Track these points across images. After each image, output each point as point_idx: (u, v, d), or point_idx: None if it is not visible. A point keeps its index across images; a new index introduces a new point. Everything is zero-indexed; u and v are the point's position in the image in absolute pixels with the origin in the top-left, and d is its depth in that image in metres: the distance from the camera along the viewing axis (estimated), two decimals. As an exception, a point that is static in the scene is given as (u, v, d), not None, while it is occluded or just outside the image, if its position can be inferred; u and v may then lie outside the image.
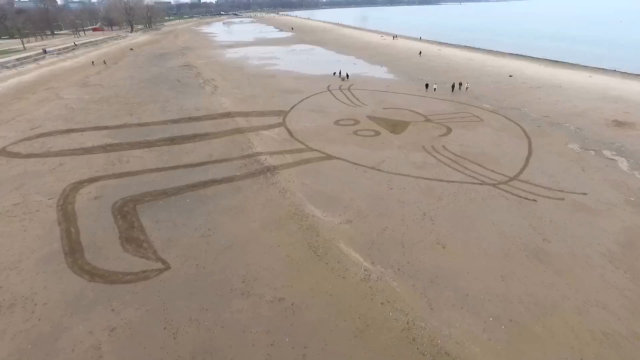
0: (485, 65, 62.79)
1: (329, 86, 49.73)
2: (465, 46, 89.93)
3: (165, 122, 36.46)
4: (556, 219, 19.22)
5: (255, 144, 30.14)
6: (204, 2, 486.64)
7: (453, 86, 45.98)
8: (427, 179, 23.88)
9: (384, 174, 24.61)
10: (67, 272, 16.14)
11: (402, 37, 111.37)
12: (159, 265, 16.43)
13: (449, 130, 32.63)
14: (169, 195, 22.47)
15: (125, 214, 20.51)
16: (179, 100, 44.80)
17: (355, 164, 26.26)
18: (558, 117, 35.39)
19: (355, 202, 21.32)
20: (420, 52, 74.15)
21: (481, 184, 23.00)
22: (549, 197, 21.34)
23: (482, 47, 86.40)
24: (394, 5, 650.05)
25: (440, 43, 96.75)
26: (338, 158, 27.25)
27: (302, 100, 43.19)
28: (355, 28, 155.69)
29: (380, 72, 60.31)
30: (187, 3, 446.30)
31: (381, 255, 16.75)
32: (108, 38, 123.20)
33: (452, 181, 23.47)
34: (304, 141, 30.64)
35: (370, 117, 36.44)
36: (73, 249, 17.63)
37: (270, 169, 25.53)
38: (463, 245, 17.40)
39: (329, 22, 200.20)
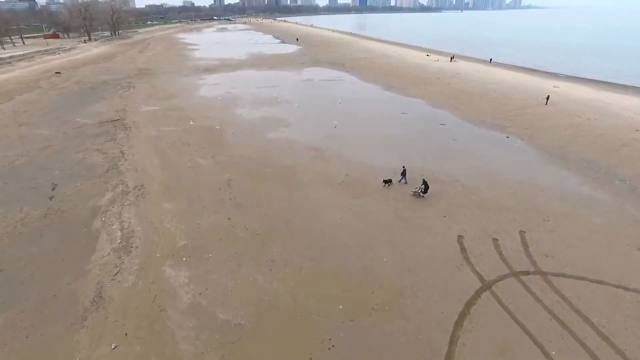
0: None
1: (480, 266, 16.24)
2: (578, 77, 57.26)
3: None
4: None
5: None
6: (196, 6, 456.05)
7: None
8: None
9: None
10: None
11: (458, 56, 78.79)
12: None
13: None
14: None
15: None
16: None
17: None
18: None
19: None
20: (548, 98, 41.30)
21: None
22: None
23: (609, 81, 54.14)
24: (394, 12, 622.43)
25: (534, 71, 64.18)
26: None
27: None
28: (380, 41, 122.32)
29: (530, 159, 26.94)
30: (176, 7, 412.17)
31: None
32: (41, 51, 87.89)
33: None
34: None
35: None
36: None
37: None
38: None
39: (338, 31, 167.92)
